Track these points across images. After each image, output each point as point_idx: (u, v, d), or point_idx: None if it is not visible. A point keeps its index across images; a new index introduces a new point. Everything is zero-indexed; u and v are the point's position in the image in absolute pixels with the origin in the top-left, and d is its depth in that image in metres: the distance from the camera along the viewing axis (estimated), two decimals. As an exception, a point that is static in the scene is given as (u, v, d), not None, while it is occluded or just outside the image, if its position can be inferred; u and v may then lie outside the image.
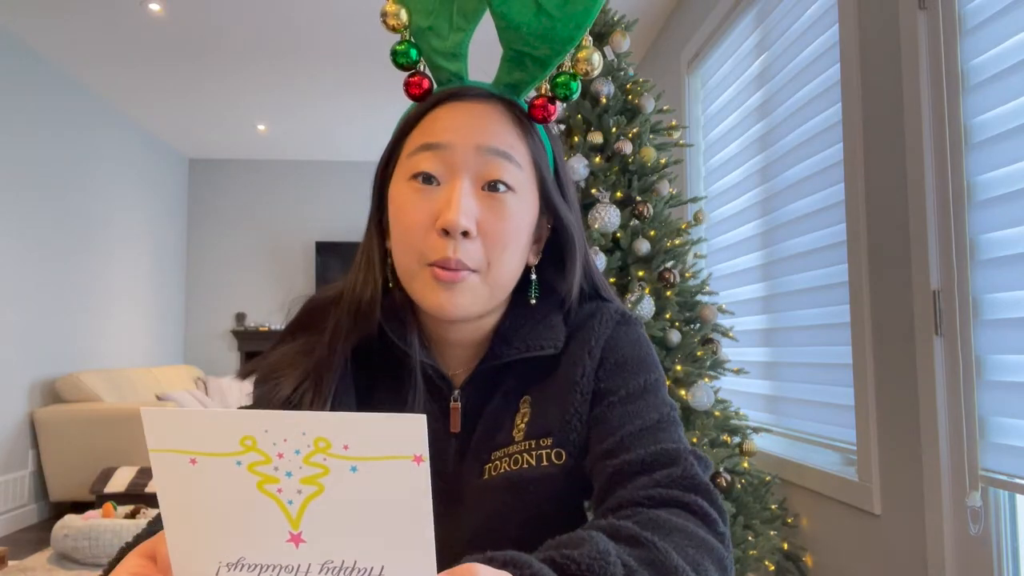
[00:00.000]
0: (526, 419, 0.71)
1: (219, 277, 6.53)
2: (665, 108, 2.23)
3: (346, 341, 0.69)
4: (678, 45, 3.45)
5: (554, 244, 0.74)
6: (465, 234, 0.63)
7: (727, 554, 0.56)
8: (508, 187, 0.65)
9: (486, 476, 0.69)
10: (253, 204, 6.59)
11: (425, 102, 0.68)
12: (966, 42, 1.54)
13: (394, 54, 0.68)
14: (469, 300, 0.65)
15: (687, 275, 2.06)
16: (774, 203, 2.40)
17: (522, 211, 0.67)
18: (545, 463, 0.68)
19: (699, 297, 2.08)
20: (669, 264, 2.01)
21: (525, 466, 0.68)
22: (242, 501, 0.37)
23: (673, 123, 2.25)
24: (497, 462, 0.70)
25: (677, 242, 2.03)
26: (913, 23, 1.65)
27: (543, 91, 0.69)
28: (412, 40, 0.68)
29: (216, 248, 6.54)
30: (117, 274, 5.07)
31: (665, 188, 2.09)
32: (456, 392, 0.72)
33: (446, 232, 0.63)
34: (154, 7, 3.55)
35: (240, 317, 6.48)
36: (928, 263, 1.60)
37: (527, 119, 0.69)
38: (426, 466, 0.36)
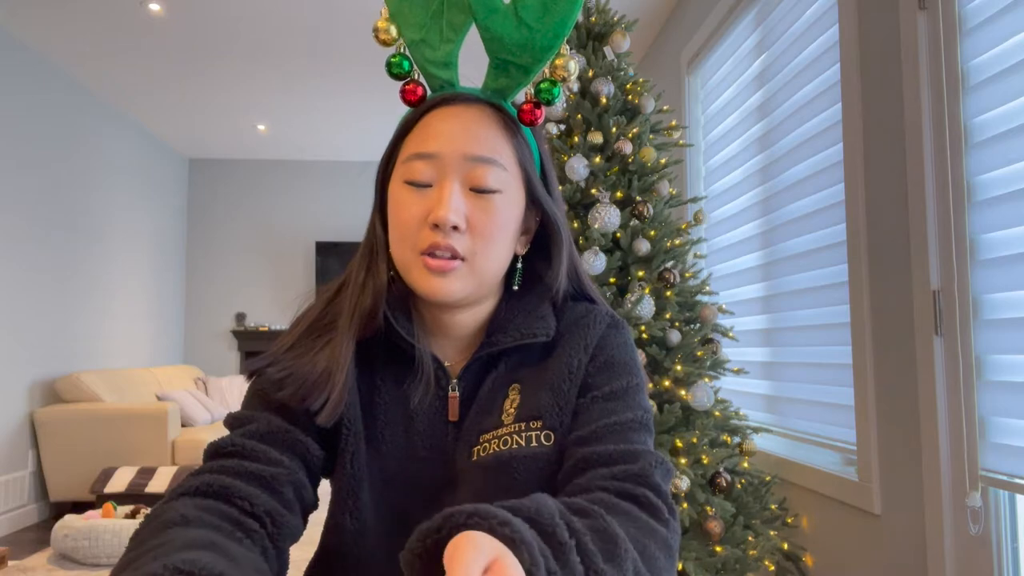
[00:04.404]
0: (515, 404, 0.75)
1: (219, 277, 6.53)
2: (665, 108, 2.23)
3: (352, 333, 0.72)
4: (678, 45, 3.45)
5: (542, 237, 0.79)
6: (455, 228, 0.68)
7: (670, 536, 0.61)
8: (494, 190, 0.70)
9: (475, 458, 0.72)
10: (253, 204, 6.59)
11: (419, 107, 0.73)
12: (966, 42, 1.54)
13: (389, 65, 0.74)
14: (459, 286, 0.70)
15: (687, 275, 2.06)
16: (774, 203, 2.40)
17: (508, 208, 0.72)
18: (535, 444, 0.72)
19: (699, 297, 2.08)
20: (669, 264, 2.00)
21: (515, 447, 0.72)
22: None
23: (673, 123, 2.24)
24: (486, 444, 0.73)
25: (677, 242, 2.03)
26: (913, 23, 1.65)
27: (528, 96, 0.74)
28: (405, 52, 0.74)
29: (216, 248, 6.54)
30: (117, 274, 5.07)
31: (665, 188, 2.09)
32: (454, 381, 0.76)
33: (436, 226, 0.68)
34: (154, 7, 3.55)
35: (240, 317, 6.48)
36: (928, 263, 1.60)
37: (513, 122, 0.73)
38: None
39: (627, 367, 0.76)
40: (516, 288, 0.79)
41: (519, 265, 0.79)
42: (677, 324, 1.99)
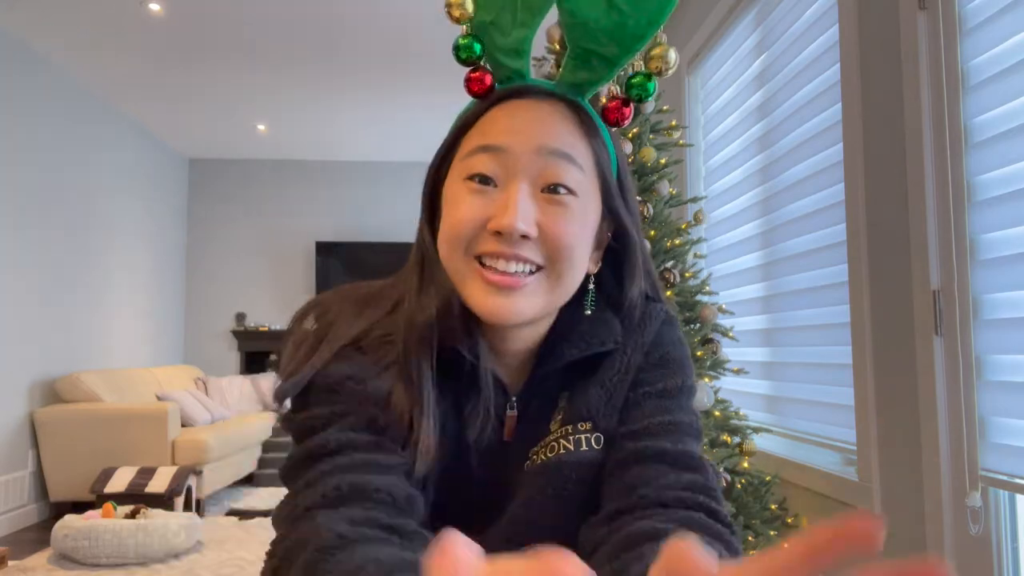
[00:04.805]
0: (563, 410, 0.69)
1: (219, 277, 6.53)
2: (665, 108, 2.23)
3: (428, 367, 0.63)
4: (678, 45, 3.45)
5: (611, 250, 0.70)
6: (524, 238, 0.60)
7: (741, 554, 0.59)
8: (569, 190, 0.61)
9: (525, 471, 0.68)
10: (253, 204, 6.59)
11: (484, 101, 0.65)
12: (966, 42, 1.54)
13: (457, 48, 0.64)
14: (527, 304, 0.62)
15: (687, 275, 2.06)
16: (774, 203, 2.40)
17: (584, 215, 0.63)
18: (584, 447, 0.65)
19: (699, 297, 2.08)
20: (669, 264, 2.00)
21: (562, 451, 0.65)
22: None
23: (673, 123, 2.24)
24: (535, 456, 0.67)
25: (677, 242, 2.03)
26: (913, 23, 1.64)
27: (613, 92, 0.65)
28: (476, 34, 0.64)
29: (216, 248, 6.54)
30: (117, 274, 5.07)
31: (665, 188, 2.09)
32: (512, 400, 0.69)
33: (499, 234, 0.60)
34: (154, 7, 3.55)
35: (240, 317, 6.48)
36: (928, 263, 1.60)
37: (591, 121, 0.65)
38: None
39: (681, 365, 0.70)
40: (588, 312, 0.69)
41: (591, 286, 0.69)
42: (677, 324, 1.99)
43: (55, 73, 4.26)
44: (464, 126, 0.65)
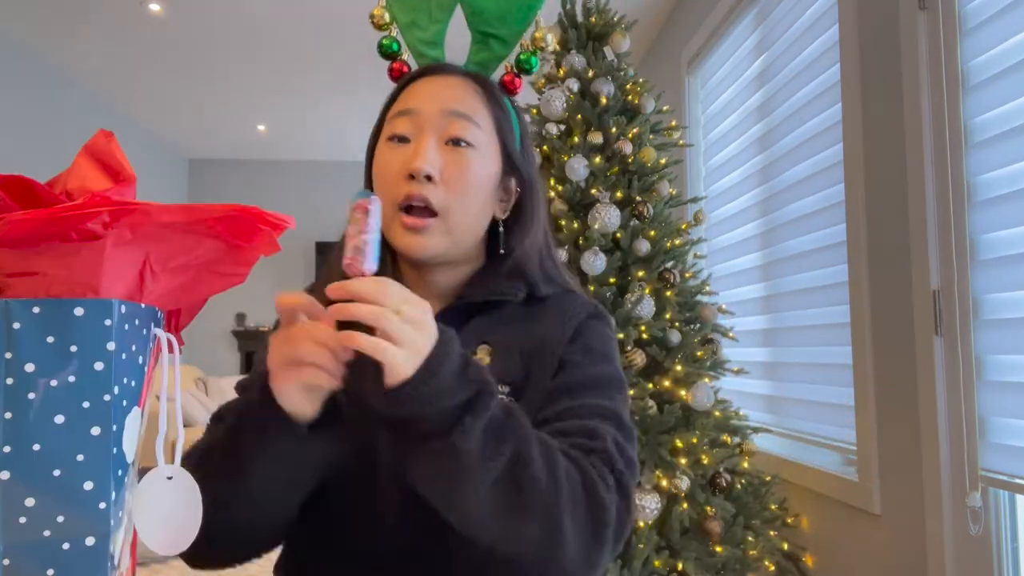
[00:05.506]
0: (484, 365, 0.73)
1: (219, 277, 6.55)
2: (665, 108, 2.23)
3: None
4: (678, 45, 3.45)
5: (521, 206, 0.82)
6: (429, 179, 0.72)
7: (601, 498, 0.62)
8: (468, 143, 0.74)
9: None
10: (253, 204, 6.59)
11: (404, 78, 0.80)
12: (966, 42, 1.54)
13: (380, 46, 0.84)
14: (433, 242, 0.74)
15: (687, 275, 2.06)
16: (774, 203, 2.40)
17: (482, 165, 0.75)
18: None
19: (699, 297, 2.08)
20: (669, 264, 2.00)
21: None
22: None
23: (673, 123, 2.24)
24: None
25: (677, 242, 2.03)
26: (913, 23, 1.64)
27: (507, 68, 0.83)
28: (396, 36, 0.84)
29: (216, 248, 6.54)
30: (117, 274, 5.07)
31: (665, 188, 2.09)
32: None
33: (412, 177, 0.72)
34: (154, 7, 3.55)
35: (240, 317, 6.48)
36: (928, 263, 1.60)
37: (493, 91, 0.79)
38: None
39: (606, 357, 0.76)
40: (502, 252, 0.80)
41: (501, 228, 0.81)
42: (677, 324, 1.99)
43: (55, 73, 4.26)
44: (391, 100, 0.79)
